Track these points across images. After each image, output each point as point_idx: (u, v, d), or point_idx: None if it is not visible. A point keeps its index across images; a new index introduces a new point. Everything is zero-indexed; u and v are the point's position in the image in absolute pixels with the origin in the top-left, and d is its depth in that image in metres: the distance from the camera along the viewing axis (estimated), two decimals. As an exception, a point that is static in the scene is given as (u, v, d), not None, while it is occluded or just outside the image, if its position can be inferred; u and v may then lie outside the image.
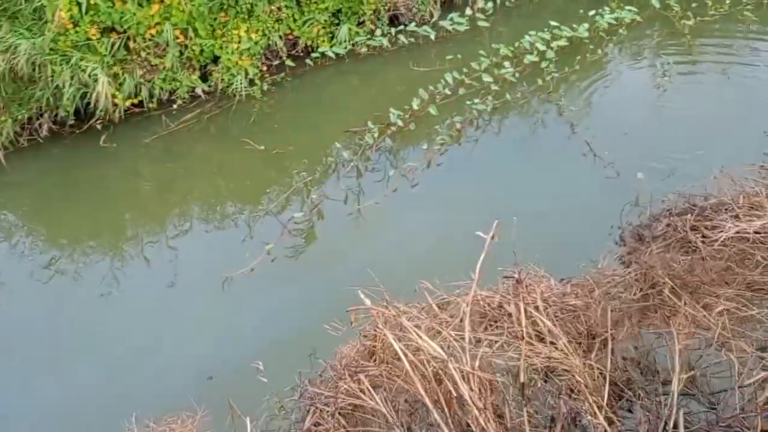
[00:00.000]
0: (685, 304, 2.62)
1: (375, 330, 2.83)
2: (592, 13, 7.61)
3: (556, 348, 2.27)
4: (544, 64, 7.10)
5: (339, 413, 2.85)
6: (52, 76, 6.49)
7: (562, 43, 7.29)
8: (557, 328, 2.47)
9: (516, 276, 2.19)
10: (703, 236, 2.80)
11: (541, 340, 2.60)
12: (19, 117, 6.70)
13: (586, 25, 7.45)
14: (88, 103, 6.78)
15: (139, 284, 5.65)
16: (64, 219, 6.55)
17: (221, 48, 7.16)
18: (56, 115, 6.87)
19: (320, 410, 2.88)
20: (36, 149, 6.83)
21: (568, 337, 2.70)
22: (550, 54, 7.13)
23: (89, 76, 6.53)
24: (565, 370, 2.20)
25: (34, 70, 6.50)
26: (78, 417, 4.23)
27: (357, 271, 5.10)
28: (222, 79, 7.23)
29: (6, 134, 6.65)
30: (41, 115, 6.83)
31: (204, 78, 7.32)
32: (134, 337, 5.01)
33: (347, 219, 5.97)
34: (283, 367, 3.78)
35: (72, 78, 6.53)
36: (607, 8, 7.67)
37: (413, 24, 7.78)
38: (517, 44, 7.31)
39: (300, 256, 5.67)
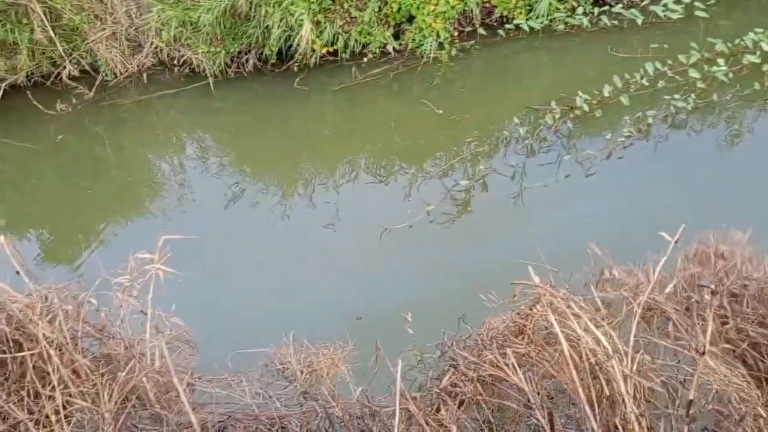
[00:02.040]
0: None
1: (531, 309, 2.80)
2: (841, 15, 6.56)
3: (740, 373, 2.08)
4: (766, 68, 6.29)
5: (479, 380, 2.89)
6: (265, 16, 7.05)
7: (795, 46, 6.38)
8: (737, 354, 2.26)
9: (711, 287, 2.02)
10: None
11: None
12: (231, 50, 7.41)
13: (831, 29, 6.45)
14: (290, 46, 7.31)
15: (305, 220, 6.08)
16: (252, 148, 7.21)
17: (418, 8, 7.27)
18: (261, 53, 7.50)
19: (462, 373, 2.94)
20: (240, 82, 7.54)
21: (746, 367, 2.47)
22: (777, 57, 6.29)
23: (296, 20, 7.01)
24: (743, 399, 2.01)
25: (250, 8, 7.11)
26: (245, 324, 4.73)
27: (514, 248, 5.04)
28: (413, 39, 7.37)
29: (218, 64, 7.42)
30: (249, 51, 7.50)
31: (396, 36, 7.51)
32: (296, 269, 5.44)
33: (511, 195, 5.87)
34: (426, 324, 3.88)
35: (281, 20, 7.05)
36: None
37: (620, 6, 7.27)
38: (737, 41, 6.54)
39: (458, 223, 5.71)
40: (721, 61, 6.38)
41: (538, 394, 2.68)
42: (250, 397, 3.26)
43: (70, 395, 2.85)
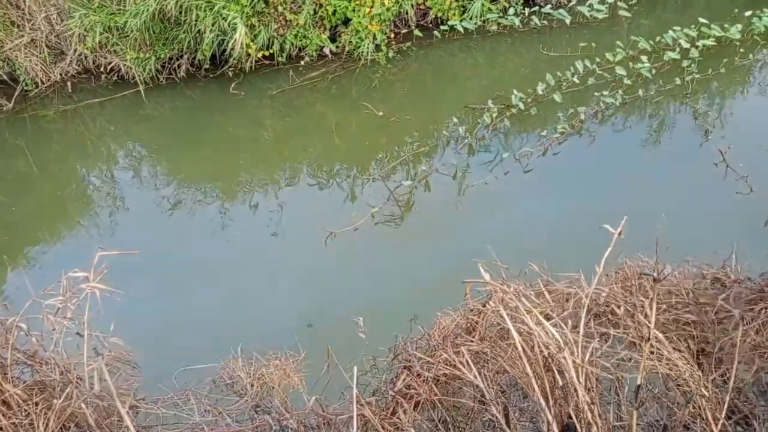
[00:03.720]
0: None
1: (482, 306, 2.82)
2: (748, 13, 6.99)
3: (682, 356, 2.16)
4: (685, 63, 6.64)
5: (433, 380, 2.88)
6: (196, 20, 6.86)
7: (710, 42, 6.76)
8: (678, 338, 2.35)
9: (654, 275, 2.10)
10: None
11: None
12: (162, 56, 7.17)
13: (740, 27, 6.87)
14: (224, 51, 7.13)
15: (247, 228, 5.94)
16: (188, 156, 6.99)
17: (353, 11, 7.26)
18: (194, 58, 7.29)
19: (416, 374, 2.93)
20: (172, 88, 7.30)
21: (680, 348, 2.58)
22: (694, 53, 6.64)
23: (229, 24, 6.84)
24: (684, 380, 2.09)
25: (180, 13, 6.90)
26: (191, 339, 4.57)
27: (459, 246, 5.12)
28: (350, 42, 7.35)
29: (148, 71, 7.16)
30: (181, 57, 7.27)
31: (333, 39, 7.47)
32: (240, 277, 5.30)
33: (454, 195, 5.94)
34: (378, 327, 3.86)
35: (213, 24, 6.87)
36: (767, 10, 7.01)
37: (549, 6, 7.51)
38: (658, 39, 6.88)
39: (402, 224, 5.72)
40: (644, 58, 6.68)
41: (492, 389, 2.70)
42: (199, 415, 3.14)
43: (0, 429, 2.65)
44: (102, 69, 7.34)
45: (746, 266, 3.42)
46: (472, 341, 2.85)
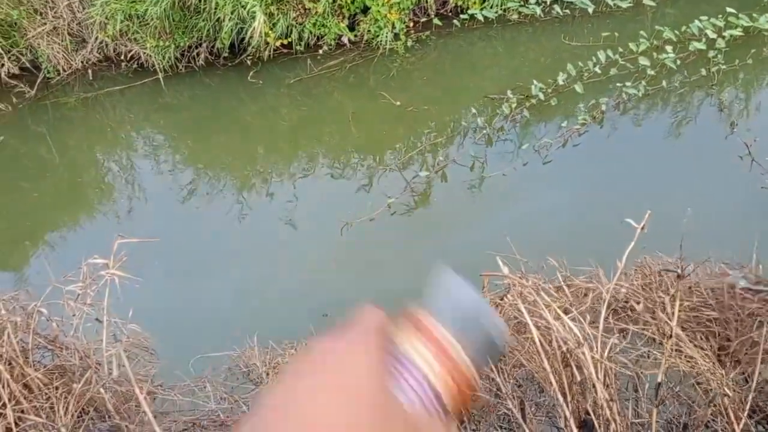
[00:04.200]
0: None
1: (500, 299, 2.79)
2: (779, 2, 6.81)
3: (706, 354, 2.12)
4: (711, 54, 6.49)
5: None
6: (216, 8, 6.86)
7: (737, 32, 6.59)
8: (698, 334, 2.31)
9: (677, 272, 2.05)
10: None
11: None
12: (181, 44, 7.19)
13: (769, 16, 6.69)
14: (243, 39, 7.13)
15: (262, 216, 5.96)
16: (206, 144, 7.02)
17: (372, -1, 7.22)
18: (213, 47, 7.30)
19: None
20: (192, 76, 7.33)
21: (702, 346, 2.53)
22: (721, 43, 6.48)
23: (248, 12, 6.84)
24: (706, 378, 2.05)
25: (200, 1, 6.91)
26: (206, 327, 4.60)
27: (477, 237, 5.08)
28: (368, 31, 7.30)
29: (168, 59, 7.18)
30: (200, 45, 7.28)
31: (351, 27, 7.43)
32: (255, 266, 5.33)
33: (471, 186, 5.90)
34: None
35: (232, 12, 6.87)
36: (798, -1, 6.83)
37: (571, -5, 7.38)
38: (683, 29, 6.72)
39: (420, 215, 5.70)
40: (669, 48, 6.54)
41: (509, 383, 2.68)
42: (215, 402, 3.16)
43: (22, 411, 2.69)
44: (122, 57, 7.39)
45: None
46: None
